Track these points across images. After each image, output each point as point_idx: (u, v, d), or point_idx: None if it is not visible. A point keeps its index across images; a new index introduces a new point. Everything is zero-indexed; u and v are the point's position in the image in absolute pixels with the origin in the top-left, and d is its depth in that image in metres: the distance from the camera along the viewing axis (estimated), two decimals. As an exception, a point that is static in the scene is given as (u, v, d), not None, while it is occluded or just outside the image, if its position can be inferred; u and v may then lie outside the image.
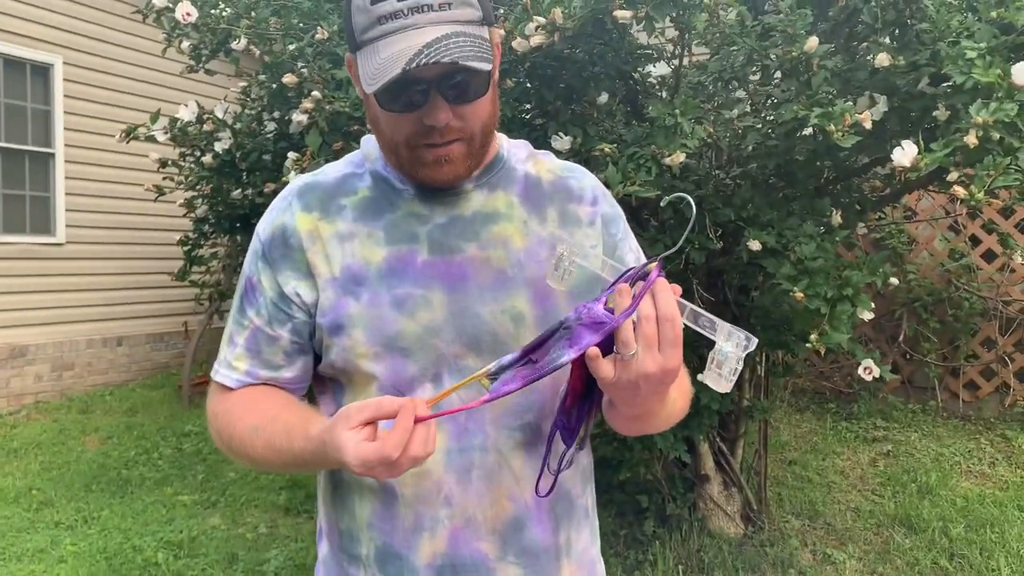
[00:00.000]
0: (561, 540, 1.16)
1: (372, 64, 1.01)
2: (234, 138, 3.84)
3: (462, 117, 1.06)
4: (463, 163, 1.10)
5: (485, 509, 1.10)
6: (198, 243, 5.06)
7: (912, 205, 5.66)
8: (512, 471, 1.12)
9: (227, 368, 1.18)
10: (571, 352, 0.93)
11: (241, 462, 1.18)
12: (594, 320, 0.93)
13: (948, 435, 5.28)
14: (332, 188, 1.17)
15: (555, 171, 1.25)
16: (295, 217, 1.14)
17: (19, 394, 7.02)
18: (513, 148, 1.25)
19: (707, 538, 3.93)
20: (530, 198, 1.19)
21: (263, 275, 1.15)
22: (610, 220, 1.24)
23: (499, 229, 1.15)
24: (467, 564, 1.10)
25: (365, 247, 1.12)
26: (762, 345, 3.55)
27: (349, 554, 1.15)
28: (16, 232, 7.05)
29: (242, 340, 1.17)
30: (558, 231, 1.18)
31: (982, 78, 2.18)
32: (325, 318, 1.11)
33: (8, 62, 6.92)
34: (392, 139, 1.09)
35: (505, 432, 1.11)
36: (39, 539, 4.19)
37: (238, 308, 1.19)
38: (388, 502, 1.11)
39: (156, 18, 3.51)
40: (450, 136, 1.06)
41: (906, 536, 4.02)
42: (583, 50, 2.84)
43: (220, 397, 1.19)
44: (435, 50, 0.96)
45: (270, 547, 4.10)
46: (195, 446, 5.87)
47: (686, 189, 2.98)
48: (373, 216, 1.14)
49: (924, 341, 5.70)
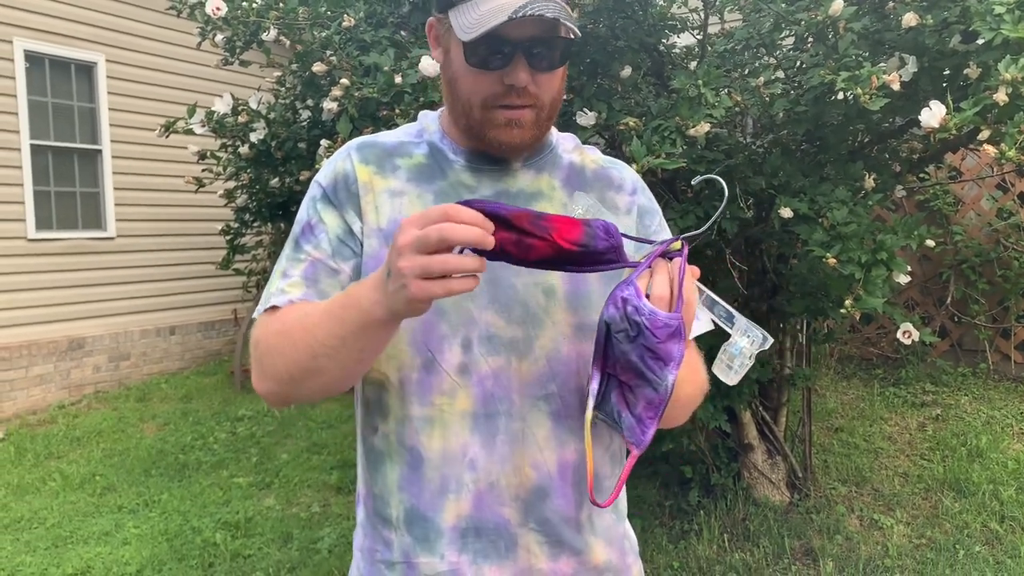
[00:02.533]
0: (583, 516, 1.19)
1: (471, 16, 1.06)
2: (268, 128, 3.91)
3: (538, 84, 1.12)
4: (530, 130, 1.15)
5: (508, 475, 1.14)
6: (240, 232, 5.16)
7: (957, 164, 5.53)
8: (536, 440, 1.14)
9: (279, 294, 1.14)
10: (674, 370, 0.95)
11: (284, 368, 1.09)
12: (666, 326, 0.93)
13: (999, 398, 5.19)
14: (389, 148, 1.23)
15: (598, 162, 1.31)
16: (354, 166, 1.19)
17: (79, 385, 7.26)
18: (562, 139, 1.30)
19: (752, 507, 3.94)
20: (572, 183, 1.24)
21: (325, 214, 1.18)
22: (646, 212, 1.29)
23: (540, 207, 1.19)
24: (489, 528, 1.14)
25: (413, 206, 1.17)
26: (801, 313, 3.53)
27: (381, 516, 1.19)
28: (69, 228, 7.26)
29: (298, 271, 1.16)
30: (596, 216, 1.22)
31: (1011, 33, 2.14)
32: (368, 263, 1.15)
33: (53, 62, 7.09)
34: (468, 98, 1.13)
35: (530, 400, 1.14)
36: (104, 522, 4.36)
37: (293, 247, 1.19)
38: (415, 465, 1.15)
39: (190, 13, 3.58)
40: (525, 100, 1.12)
41: (955, 500, 3.98)
42: (605, 24, 2.84)
43: (266, 317, 1.15)
44: (537, 6, 1.02)
45: (323, 525, 4.21)
46: (249, 430, 6.02)
47: (715, 159, 2.97)
48: (425, 180, 1.19)
49: (973, 303, 5.59)
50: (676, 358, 0.95)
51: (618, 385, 1.03)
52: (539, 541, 1.16)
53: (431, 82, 2.66)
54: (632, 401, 1.01)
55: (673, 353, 0.95)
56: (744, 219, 3.15)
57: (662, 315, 0.94)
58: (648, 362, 0.96)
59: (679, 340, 0.94)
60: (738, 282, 3.82)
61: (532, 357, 1.14)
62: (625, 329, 0.96)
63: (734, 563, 3.51)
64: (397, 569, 1.17)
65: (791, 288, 3.58)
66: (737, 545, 3.67)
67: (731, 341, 0.99)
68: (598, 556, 1.21)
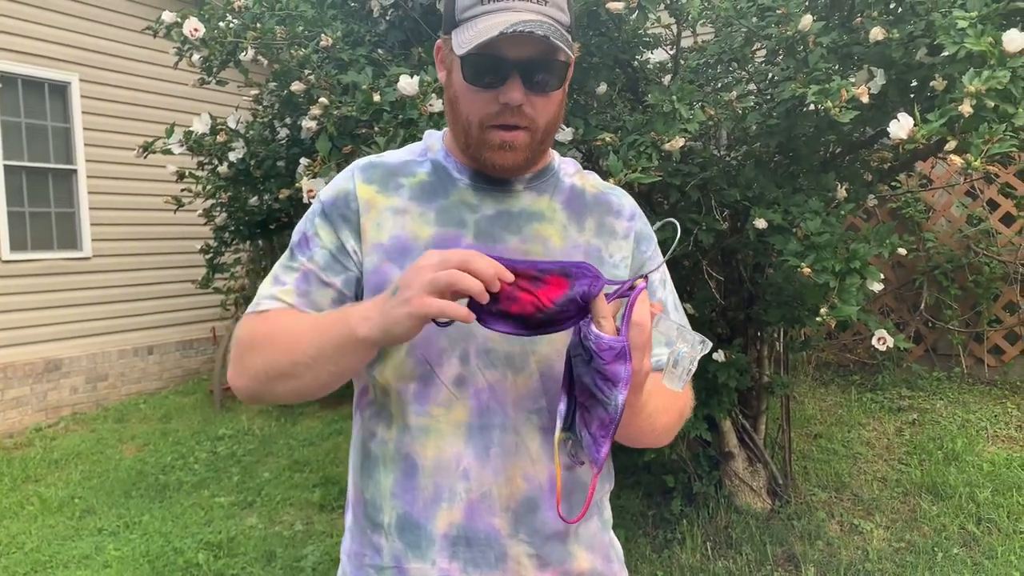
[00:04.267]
0: (570, 527, 1.22)
1: (468, 33, 1.11)
2: (247, 147, 3.92)
3: (533, 106, 1.15)
4: (524, 152, 1.18)
5: (500, 486, 1.16)
6: (219, 251, 5.15)
7: (927, 172, 5.63)
8: (529, 452, 1.18)
9: (270, 299, 1.21)
10: (623, 390, 1.01)
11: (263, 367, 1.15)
12: (611, 348, 0.99)
13: (974, 401, 5.28)
14: (394, 168, 1.26)
15: (598, 187, 1.34)
16: (356, 186, 1.23)
17: (56, 407, 7.19)
18: (563, 163, 1.34)
19: (734, 514, 3.98)
20: (572, 207, 1.28)
21: (322, 230, 1.22)
22: (642, 238, 1.32)
23: (541, 228, 1.23)
24: (480, 538, 1.16)
25: (416, 223, 1.20)
26: (777, 321, 3.58)
27: (372, 522, 1.22)
28: (44, 249, 7.20)
29: (291, 279, 1.21)
30: (595, 239, 1.26)
31: (974, 47, 2.20)
32: (370, 278, 1.18)
33: (26, 82, 7.05)
34: (467, 117, 1.17)
35: (523, 414, 1.17)
36: (84, 546, 4.32)
37: (288, 256, 1.24)
38: (410, 472, 1.17)
39: (166, 33, 3.59)
40: (520, 120, 1.15)
41: (933, 503, 4.04)
42: (580, 42, 2.88)
43: (254, 319, 1.20)
44: (530, 24, 1.06)
45: (307, 543, 4.20)
46: (229, 449, 5.99)
47: (690, 172, 3.02)
48: (428, 199, 1.22)
49: (946, 308, 5.68)
50: (623, 378, 1.00)
51: (579, 406, 1.09)
52: (528, 553, 1.18)
53: (409, 100, 2.69)
54: (588, 420, 1.07)
55: (620, 374, 1.00)
56: (720, 230, 3.19)
57: (607, 338, 1.00)
58: (599, 383, 1.02)
59: (624, 361, 1.00)
60: (715, 292, 3.87)
61: (527, 372, 1.17)
62: (580, 354, 1.04)
63: (717, 571, 3.54)
64: (387, 573, 1.19)
65: (767, 297, 3.63)
66: (720, 553, 3.70)
67: (673, 349, 1.06)
68: (582, 564, 1.23)
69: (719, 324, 3.97)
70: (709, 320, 3.88)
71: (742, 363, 3.68)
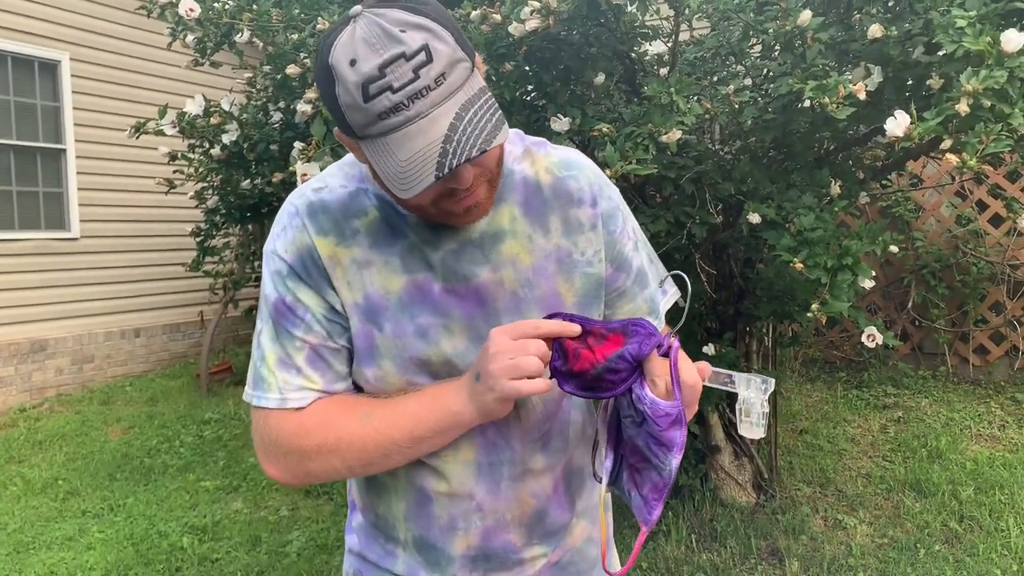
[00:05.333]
0: (578, 508, 1.27)
1: (390, 165, 0.96)
2: (241, 130, 3.90)
3: (481, 164, 1.04)
4: (488, 199, 1.10)
5: (513, 509, 1.19)
6: (210, 234, 5.13)
7: (918, 172, 5.66)
8: (534, 473, 1.20)
9: (297, 391, 1.11)
10: (677, 455, 1.00)
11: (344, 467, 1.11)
12: (667, 415, 0.98)
13: (958, 400, 5.32)
14: (341, 208, 1.14)
15: (553, 171, 1.21)
16: (313, 240, 1.11)
17: (41, 387, 7.15)
18: (507, 146, 1.20)
19: (719, 508, 4.00)
20: (532, 209, 1.18)
21: (301, 294, 1.11)
22: (609, 217, 1.23)
23: (507, 248, 1.15)
24: (498, 552, 1.19)
25: (383, 275, 1.12)
26: (767, 316, 3.59)
27: (386, 534, 1.23)
28: (31, 228, 7.15)
29: (302, 360, 1.12)
30: (563, 241, 1.19)
31: (972, 46, 2.21)
32: (356, 341, 1.13)
33: (16, 60, 6.98)
34: (416, 203, 1.05)
35: (529, 446, 1.18)
36: (67, 527, 4.30)
37: (279, 333, 1.13)
38: (422, 502, 1.18)
39: (160, 13, 3.56)
40: (475, 185, 1.04)
41: (916, 500, 4.07)
42: (579, 32, 2.87)
43: (294, 417, 1.11)
44: (458, 144, 0.93)
45: (292, 529, 4.19)
46: (215, 433, 5.97)
47: (685, 165, 3.02)
48: (386, 243, 1.13)
49: (933, 307, 5.72)
50: (678, 443, 1.00)
51: (628, 467, 1.09)
52: (543, 552, 1.23)
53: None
54: (640, 482, 1.06)
55: (676, 439, 0.99)
56: (713, 224, 3.20)
57: (663, 404, 0.98)
58: (653, 448, 1.01)
59: (680, 427, 0.99)
60: (706, 285, 3.88)
61: (530, 404, 1.17)
62: (632, 416, 1.02)
63: (701, 563, 3.56)
64: None
65: (758, 292, 3.64)
66: (704, 546, 3.72)
67: (740, 399, 1.05)
68: (577, 537, 1.29)
69: (709, 318, 3.98)
70: (699, 314, 3.89)
71: (731, 357, 3.69)
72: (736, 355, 3.82)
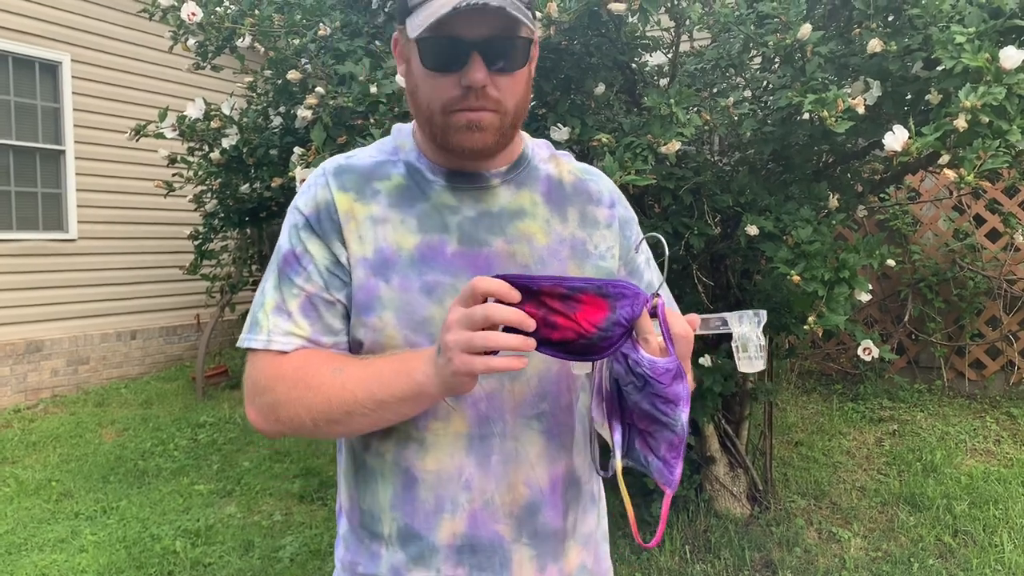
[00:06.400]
0: (568, 523, 1.22)
1: (421, 15, 1.05)
2: (241, 134, 3.90)
3: (498, 87, 1.09)
4: (492, 134, 1.12)
5: (503, 493, 1.15)
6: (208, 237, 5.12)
7: (916, 185, 5.67)
8: (528, 458, 1.17)
9: (284, 335, 1.14)
10: (685, 408, 1.00)
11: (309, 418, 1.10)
12: (667, 371, 0.98)
13: (954, 414, 5.32)
14: (367, 171, 1.20)
15: (575, 173, 1.30)
16: (333, 194, 1.17)
17: (36, 388, 7.13)
18: (536, 147, 1.29)
19: (714, 519, 3.99)
20: (553, 198, 1.24)
21: (311, 245, 1.15)
22: (625, 223, 1.30)
23: (524, 226, 1.19)
24: (485, 545, 1.15)
25: (398, 232, 1.15)
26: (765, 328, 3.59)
27: (370, 531, 1.20)
28: (29, 229, 7.14)
29: (296, 307, 1.15)
30: (579, 232, 1.23)
31: (971, 62, 2.22)
32: (357, 295, 1.15)
33: (17, 60, 6.99)
34: (429, 106, 1.11)
35: (522, 420, 1.16)
36: (60, 529, 4.28)
37: (282, 280, 1.17)
38: (409, 485, 1.15)
39: (162, 16, 3.56)
40: (486, 103, 1.09)
41: (911, 514, 4.07)
42: (580, 42, 2.88)
43: (276, 360, 1.14)
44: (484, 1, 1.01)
45: (285, 534, 4.18)
46: (210, 436, 5.96)
47: (684, 176, 3.03)
48: (406, 204, 1.17)
49: (929, 321, 5.73)
50: (684, 396, 1.00)
51: (639, 433, 1.08)
52: (530, 556, 1.18)
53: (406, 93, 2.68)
54: (655, 445, 1.06)
55: (680, 393, 1.00)
56: (711, 235, 3.20)
57: (661, 361, 0.98)
58: (660, 407, 1.01)
59: (682, 380, 0.99)
60: (703, 296, 3.88)
61: (524, 378, 1.15)
62: (632, 381, 1.01)
63: (695, 574, 3.55)
64: None
65: (754, 304, 3.64)
66: (698, 557, 3.71)
67: (735, 335, 1.05)
68: (572, 562, 1.23)
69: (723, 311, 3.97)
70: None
71: (727, 368, 3.69)
72: (732, 366, 3.82)
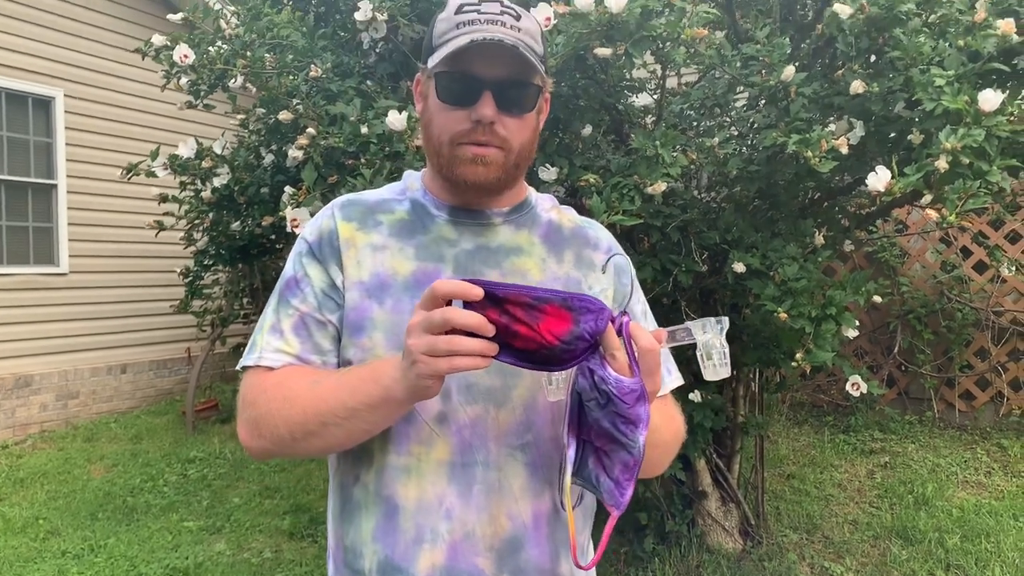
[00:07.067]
0: (563, 569, 1.20)
1: (442, 52, 1.14)
2: (232, 173, 3.92)
3: (506, 126, 1.16)
4: (496, 170, 1.18)
5: (484, 525, 1.15)
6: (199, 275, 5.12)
7: (903, 218, 5.73)
8: (512, 490, 1.16)
9: (274, 352, 1.19)
10: (643, 431, 1.00)
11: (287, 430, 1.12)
12: (632, 391, 0.98)
13: (944, 445, 5.33)
14: (372, 205, 1.27)
15: (575, 221, 1.37)
16: (337, 224, 1.23)
17: (24, 424, 7.08)
18: (540, 199, 1.36)
19: (706, 554, 3.98)
20: (551, 240, 1.30)
21: (310, 269, 1.22)
22: (621, 270, 1.34)
23: (520, 262, 1.24)
24: None
25: (395, 259, 1.20)
26: (753, 363, 3.61)
27: (352, 569, 1.19)
28: (20, 263, 7.13)
29: (288, 326, 1.20)
30: (574, 272, 1.28)
31: (951, 105, 2.26)
32: (349, 315, 1.18)
33: (10, 96, 7.02)
34: (439, 137, 1.18)
35: (506, 450, 1.16)
36: (46, 568, 4.24)
37: (280, 301, 1.23)
38: (391, 515, 1.15)
39: (155, 56, 3.60)
40: (492, 139, 1.16)
41: (903, 548, 4.06)
42: (567, 84, 2.92)
43: (262, 375, 1.18)
44: (500, 38, 1.10)
45: (275, 572, 4.15)
46: (200, 472, 5.92)
47: (671, 214, 3.06)
48: (407, 234, 1.23)
49: (919, 353, 5.75)
50: (644, 419, 1.00)
51: (594, 451, 1.06)
52: None
53: (396, 134, 2.71)
54: (609, 465, 1.05)
55: (641, 415, 0.99)
56: (698, 271, 3.23)
57: (627, 381, 0.98)
58: (620, 427, 1.00)
59: (644, 402, 1.00)
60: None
61: (509, 406, 1.16)
62: (595, 398, 1.00)
63: (688, 611, 3.54)
64: None
65: (744, 338, 3.66)
66: (691, 593, 3.70)
67: (699, 344, 1.05)
68: None
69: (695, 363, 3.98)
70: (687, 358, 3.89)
71: (717, 403, 3.70)
72: (723, 401, 3.83)
